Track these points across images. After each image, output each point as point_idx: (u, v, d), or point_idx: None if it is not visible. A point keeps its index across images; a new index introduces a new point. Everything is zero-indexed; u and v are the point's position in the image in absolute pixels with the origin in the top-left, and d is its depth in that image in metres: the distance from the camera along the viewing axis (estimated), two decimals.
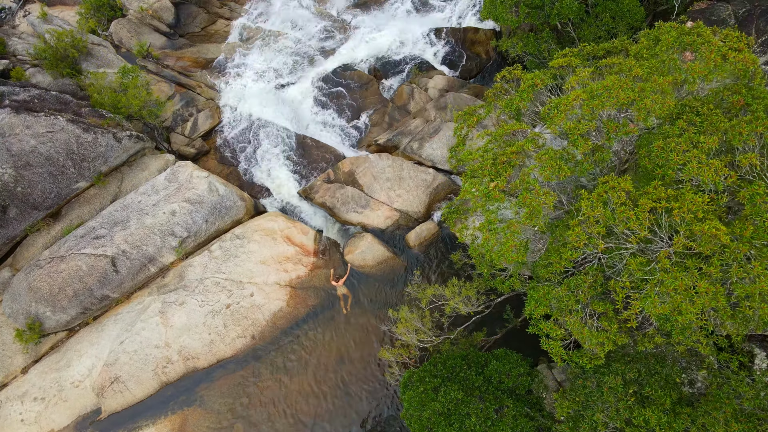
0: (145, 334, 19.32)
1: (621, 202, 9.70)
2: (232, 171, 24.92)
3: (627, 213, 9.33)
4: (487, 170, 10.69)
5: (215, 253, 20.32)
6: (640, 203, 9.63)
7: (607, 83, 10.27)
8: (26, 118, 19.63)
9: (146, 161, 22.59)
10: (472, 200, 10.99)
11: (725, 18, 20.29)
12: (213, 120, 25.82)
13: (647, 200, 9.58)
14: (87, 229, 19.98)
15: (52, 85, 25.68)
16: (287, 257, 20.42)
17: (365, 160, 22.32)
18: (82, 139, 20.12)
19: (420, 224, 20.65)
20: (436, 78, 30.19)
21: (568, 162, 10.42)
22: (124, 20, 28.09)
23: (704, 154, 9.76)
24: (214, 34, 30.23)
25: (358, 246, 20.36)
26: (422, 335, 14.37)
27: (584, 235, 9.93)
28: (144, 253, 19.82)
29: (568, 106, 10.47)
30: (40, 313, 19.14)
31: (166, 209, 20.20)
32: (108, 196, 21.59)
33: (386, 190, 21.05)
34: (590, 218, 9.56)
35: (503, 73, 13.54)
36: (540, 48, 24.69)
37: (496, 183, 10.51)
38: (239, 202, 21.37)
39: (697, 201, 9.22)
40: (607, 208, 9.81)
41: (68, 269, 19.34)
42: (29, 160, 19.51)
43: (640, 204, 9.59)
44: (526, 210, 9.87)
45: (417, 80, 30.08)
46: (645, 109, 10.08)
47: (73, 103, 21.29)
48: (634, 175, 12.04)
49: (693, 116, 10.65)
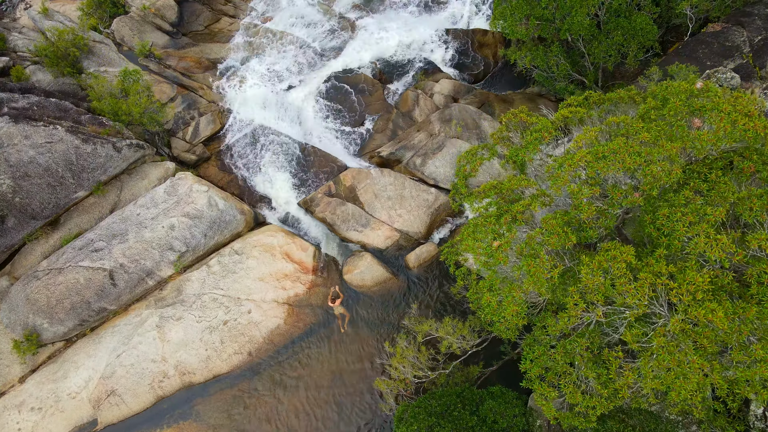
0: (142, 348, 19.36)
1: (621, 273, 9.53)
2: (233, 179, 24.71)
3: (627, 287, 9.17)
4: (491, 228, 10.51)
5: (213, 269, 20.25)
6: (640, 277, 9.47)
7: (613, 146, 10.02)
8: (25, 128, 19.39)
9: (146, 169, 22.38)
10: (474, 256, 10.82)
11: (739, 44, 19.81)
12: (215, 125, 25.51)
13: (648, 274, 9.42)
14: (85, 241, 19.88)
15: (53, 84, 25.37)
16: (286, 275, 20.34)
17: (367, 175, 22.08)
18: (81, 150, 19.90)
19: (420, 245, 20.51)
20: (442, 82, 29.76)
21: (573, 226, 10.22)
22: (126, 18, 27.59)
23: (711, 228, 9.56)
24: (218, 32, 29.71)
25: (357, 266, 20.26)
26: (417, 371, 14.35)
27: (582, 303, 9.79)
28: (142, 267, 19.76)
29: (574, 166, 10.23)
30: (37, 324, 19.18)
31: (165, 223, 20.07)
32: (107, 205, 21.45)
33: (387, 209, 20.86)
34: (589, 286, 9.41)
35: (508, 116, 13.23)
36: (549, 63, 24.22)
37: (499, 243, 10.33)
38: (239, 216, 21.22)
39: (697, 281, 9.05)
40: (607, 279, 9.65)
41: (66, 282, 19.30)
42: (28, 170, 19.33)
43: (641, 278, 9.43)
44: (530, 278, 9.72)
45: (423, 84, 29.66)
46: (652, 175, 9.84)
47: (72, 111, 21.01)
48: (635, 230, 11.83)
49: (700, 183, 10.41)
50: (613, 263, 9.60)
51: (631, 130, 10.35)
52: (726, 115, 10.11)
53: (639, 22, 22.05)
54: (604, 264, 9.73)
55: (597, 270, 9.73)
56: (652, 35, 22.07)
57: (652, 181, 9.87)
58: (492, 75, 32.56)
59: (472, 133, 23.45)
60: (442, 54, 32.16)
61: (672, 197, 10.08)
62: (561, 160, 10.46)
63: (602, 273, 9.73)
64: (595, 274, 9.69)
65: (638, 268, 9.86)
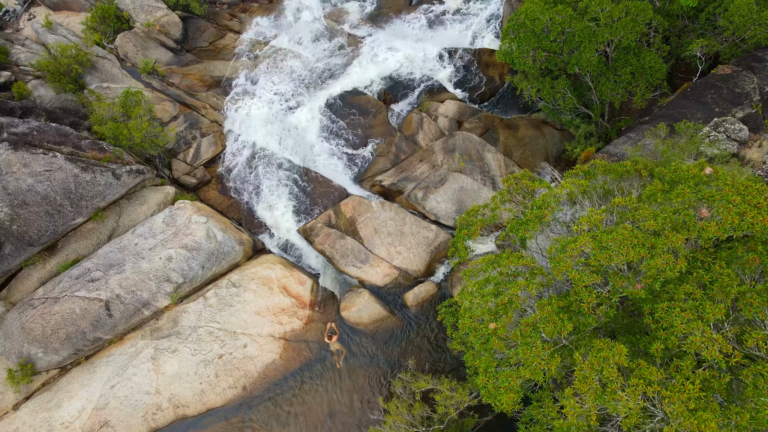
0: (136, 379, 19.29)
1: (612, 377, 9.38)
2: (233, 203, 24.56)
3: (618, 395, 9.02)
4: (487, 309, 10.34)
5: (210, 301, 20.13)
6: (631, 383, 9.32)
7: (617, 236, 9.83)
8: (24, 156, 19.23)
9: (145, 194, 22.23)
10: (470, 336, 10.67)
11: (749, 92, 19.50)
12: (216, 147, 25.33)
13: (639, 380, 9.26)
14: (82, 270, 19.77)
15: (54, 101, 25.22)
16: (283, 309, 20.22)
17: (368, 208, 21.89)
18: (80, 179, 19.75)
19: (419, 284, 20.35)
20: (447, 103, 29.51)
21: (570, 311, 10.04)
22: (130, 34, 27.33)
23: (709, 327, 9.39)
24: (222, 49, 29.45)
25: (354, 303, 20.12)
26: (411, 428, 14.23)
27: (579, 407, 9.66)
28: (138, 298, 19.65)
29: (576, 252, 10.04)
30: (32, 353, 19.11)
31: (163, 255, 19.94)
32: (105, 231, 21.32)
33: (387, 245, 20.69)
34: (582, 391, 9.27)
35: (510, 182, 13.01)
36: (555, 96, 23.92)
37: (495, 326, 10.17)
38: (237, 247, 21.08)
39: (689, 389, 8.90)
40: (599, 386, 9.52)
41: (61, 311, 19.21)
42: (26, 198, 19.20)
43: (632, 384, 9.28)
44: (526, 366, 9.57)
45: (427, 105, 29.39)
46: (655, 268, 9.66)
47: (73, 135, 20.84)
48: (633, 321, 11.62)
49: (702, 273, 10.22)
50: (605, 365, 9.45)
51: (637, 215, 10.14)
52: (734, 206, 9.91)
53: (648, 60, 21.74)
54: (596, 365, 9.58)
55: (590, 372, 9.58)
56: (660, 74, 21.76)
57: (656, 273, 9.68)
58: (498, 94, 32.28)
59: (475, 166, 23.21)
60: (448, 73, 31.85)
61: (672, 289, 9.89)
62: (563, 242, 10.27)
63: (595, 374, 9.59)
64: (588, 378, 9.55)
65: (631, 368, 9.71)
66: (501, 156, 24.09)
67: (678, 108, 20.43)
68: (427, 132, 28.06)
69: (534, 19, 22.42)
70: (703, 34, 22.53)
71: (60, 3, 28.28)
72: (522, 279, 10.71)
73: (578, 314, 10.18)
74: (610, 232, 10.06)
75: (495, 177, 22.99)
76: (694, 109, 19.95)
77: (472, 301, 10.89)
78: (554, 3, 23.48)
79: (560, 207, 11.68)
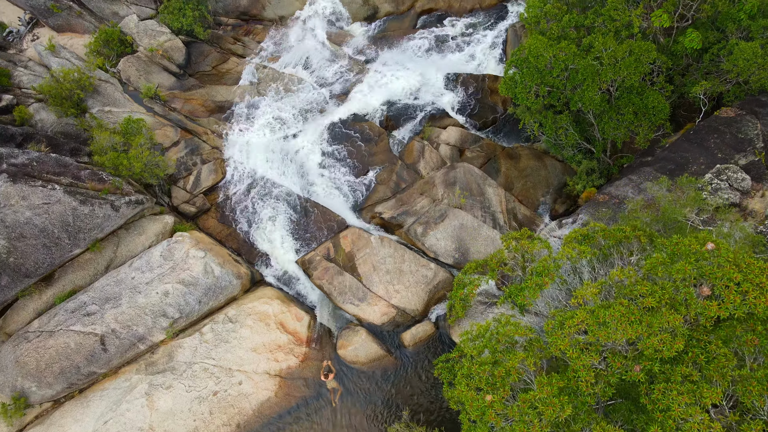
0: (129, 415, 19.14)
1: None
2: (232, 232, 24.47)
3: None
4: (485, 378, 10.21)
5: (206, 336, 20.01)
6: None
7: (615, 313, 9.71)
8: (23, 188, 19.17)
9: (144, 224, 22.15)
10: (466, 405, 10.53)
11: (752, 138, 19.39)
12: (216, 175, 25.26)
13: None
14: (78, 303, 19.68)
15: (55, 125, 25.19)
16: (279, 346, 20.08)
17: (367, 243, 21.79)
18: (78, 212, 19.68)
19: (417, 324, 20.21)
20: (449, 130, 29.43)
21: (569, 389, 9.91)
22: (133, 58, 27.32)
23: (707, 415, 9.25)
24: (225, 73, 29.42)
25: (351, 341, 19.98)
26: None
27: None
28: (134, 332, 19.54)
29: (573, 328, 9.92)
30: (25, 387, 19.00)
31: (160, 289, 19.84)
32: (103, 262, 21.23)
33: (385, 283, 20.56)
34: None
35: (509, 242, 12.88)
36: (557, 132, 23.82)
37: (492, 399, 10.03)
38: (235, 281, 20.97)
39: None
40: None
41: (56, 345, 19.11)
42: (23, 231, 19.13)
43: None
44: None
45: (429, 131, 29.30)
46: (653, 347, 9.53)
47: (72, 166, 20.78)
48: (630, 404, 11.45)
49: (699, 353, 10.08)
50: None
51: (635, 292, 10.02)
52: (736, 285, 9.78)
53: (651, 100, 21.64)
54: None
55: None
56: (663, 114, 21.66)
57: (653, 353, 9.55)
58: (501, 121, 32.13)
59: (476, 201, 23.09)
60: (450, 98, 31.74)
61: (669, 370, 9.75)
62: (560, 318, 10.14)
63: None
64: None
65: None
66: (502, 191, 23.98)
67: (680, 151, 20.31)
68: (429, 161, 27.98)
69: (537, 55, 22.34)
70: (707, 74, 22.45)
71: (64, 25, 28.31)
72: (520, 350, 10.58)
73: (576, 392, 10.05)
74: (607, 307, 9.94)
75: (495, 213, 22.88)
76: (697, 153, 19.84)
77: (470, 368, 10.76)
78: (558, 39, 23.45)
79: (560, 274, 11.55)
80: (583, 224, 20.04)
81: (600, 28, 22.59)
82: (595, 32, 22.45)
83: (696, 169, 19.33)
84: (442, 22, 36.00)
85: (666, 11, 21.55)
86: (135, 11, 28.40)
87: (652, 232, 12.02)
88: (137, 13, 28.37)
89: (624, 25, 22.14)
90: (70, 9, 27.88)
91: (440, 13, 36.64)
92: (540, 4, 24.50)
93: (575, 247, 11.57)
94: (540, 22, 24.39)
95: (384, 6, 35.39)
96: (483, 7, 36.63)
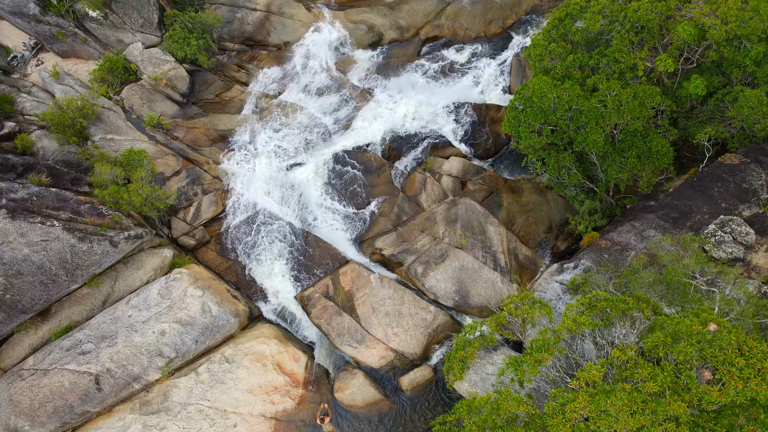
0: None
1: None
2: (231, 265, 24.31)
3: None
4: None
5: (202, 376, 19.80)
6: None
7: (617, 401, 9.51)
8: (21, 225, 19.07)
9: (143, 258, 22.01)
10: None
11: (757, 189, 19.24)
12: (216, 207, 25.14)
13: None
14: (73, 341, 19.52)
15: (57, 153, 25.12)
16: (276, 387, 19.87)
17: (366, 282, 21.62)
18: (76, 249, 19.56)
19: (415, 368, 19.99)
20: (452, 160, 29.30)
21: None
22: (136, 86, 27.31)
23: None
24: (228, 101, 29.40)
25: (349, 384, 19.76)
26: None
27: None
28: (129, 372, 19.34)
29: (575, 413, 9.72)
30: (19, 426, 18.77)
31: (156, 329, 19.67)
32: (100, 296, 21.08)
33: (384, 326, 20.37)
34: None
35: (509, 307, 12.69)
36: (560, 171, 23.69)
37: None
38: (232, 320, 20.79)
39: None
40: None
41: (50, 384, 18.92)
42: (21, 268, 19.01)
43: None
44: None
45: (432, 162, 29.19)
46: None
47: (72, 200, 20.69)
48: None
49: None
50: None
51: (636, 375, 9.83)
52: (738, 370, 9.59)
53: (655, 144, 21.52)
54: None
55: None
56: (667, 159, 21.52)
57: None
58: (503, 151, 32.01)
59: (477, 241, 22.94)
60: (453, 128, 31.66)
61: None
62: (561, 400, 9.94)
63: None
64: None
65: None
66: (503, 230, 23.81)
67: (684, 199, 20.17)
68: (430, 193, 27.85)
69: (542, 95, 22.27)
70: (711, 118, 22.34)
71: (69, 51, 28.34)
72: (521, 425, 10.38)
73: None
74: (608, 392, 9.75)
75: (497, 253, 22.70)
76: (700, 202, 19.69)
77: None
78: (562, 79, 23.39)
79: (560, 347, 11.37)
80: (585, 270, 19.88)
81: (604, 69, 22.50)
82: (600, 73, 22.36)
83: (699, 219, 19.18)
84: (447, 50, 36.00)
85: (671, 56, 21.49)
86: (140, 39, 28.45)
87: (655, 304, 11.86)
88: (142, 40, 28.42)
89: (629, 67, 22.06)
90: (75, 36, 27.92)
91: (445, 40, 36.63)
92: (544, 43, 24.43)
93: (575, 319, 11.40)
94: (544, 60, 24.31)
95: (389, 33, 35.45)
96: (487, 36, 36.69)
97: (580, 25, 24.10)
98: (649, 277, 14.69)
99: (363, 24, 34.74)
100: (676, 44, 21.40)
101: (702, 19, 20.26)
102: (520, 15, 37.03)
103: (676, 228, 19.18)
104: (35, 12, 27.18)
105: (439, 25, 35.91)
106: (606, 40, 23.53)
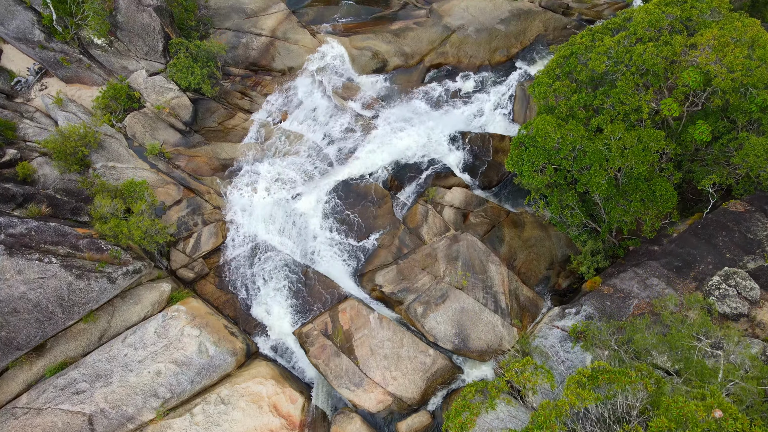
0: None
1: None
2: (229, 299, 24.13)
3: None
4: None
5: (197, 418, 19.54)
6: None
7: None
8: (19, 262, 18.94)
9: (140, 292, 21.84)
10: None
11: (762, 240, 19.04)
12: (216, 239, 24.99)
13: None
14: (68, 380, 19.30)
15: (58, 181, 25.04)
16: (271, 430, 19.59)
17: (365, 322, 21.42)
18: (74, 286, 19.41)
19: (413, 413, 19.74)
20: (454, 191, 29.14)
21: None
22: (139, 114, 27.26)
23: None
24: (231, 129, 29.34)
25: (345, 429, 19.50)
26: None
27: None
28: (123, 413, 19.11)
29: None
30: None
31: (152, 369, 19.46)
32: (96, 332, 20.88)
33: (382, 369, 20.14)
34: None
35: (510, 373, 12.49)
36: (563, 212, 23.50)
37: None
38: (229, 359, 20.59)
39: None
40: None
41: (43, 424, 18.67)
42: (17, 306, 18.86)
43: None
44: None
45: (434, 192, 29.07)
46: None
47: (71, 235, 20.57)
48: None
49: None
50: None
51: None
52: None
53: (659, 188, 21.35)
54: None
55: None
56: (671, 203, 21.33)
57: None
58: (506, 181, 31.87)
59: (478, 281, 22.73)
60: (456, 157, 31.55)
61: None
62: None
63: None
64: None
65: None
66: (505, 270, 23.61)
67: (688, 246, 19.98)
68: (432, 226, 27.69)
69: (545, 135, 22.15)
70: (716, 162, 22.19)
71: (73, 76, 28.34)
72: None
73: None
74: None
75: (497, 294, 22.48)
76: (705, 251, 19.49)
77: None
78: (566, 118, 23.27)
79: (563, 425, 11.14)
80: (587, 317, 19.66)
81: (609, 110, 22.38)
82: (604, 113, 22.24)
83: (704, 269, 18.97)
84: (451, 77, 35.94)
85: (676, 100, 21.37)
86: (144, 66, 28.45)
87: (659, 377, 11.64)
88: (146, 67, 28.41)
89: (633, 108, 21.94)
90: (79, 62, 27.92)
91: (449, 68, 36.54)
92: (549, 81, 24.34)
93: (579, 393, 11.19)
94: (548, 98, 24.21)
95: (393, 59, 35.40)
96: (492, 64, 36.65)
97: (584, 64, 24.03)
98: (652, 338, 14.48)
99: (368, 50, 34.71)
100: (681, 89, 21.28)
101: (708, 66, 20.15)
102: (524, 44, 37.00)
103: (679, 278, 18.98)
104: (40, 39, 27.20)
105: (444, 53, 35.85)
106: (611, 81, 23.43)
